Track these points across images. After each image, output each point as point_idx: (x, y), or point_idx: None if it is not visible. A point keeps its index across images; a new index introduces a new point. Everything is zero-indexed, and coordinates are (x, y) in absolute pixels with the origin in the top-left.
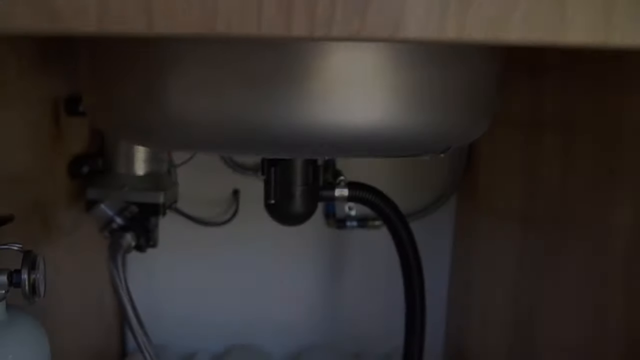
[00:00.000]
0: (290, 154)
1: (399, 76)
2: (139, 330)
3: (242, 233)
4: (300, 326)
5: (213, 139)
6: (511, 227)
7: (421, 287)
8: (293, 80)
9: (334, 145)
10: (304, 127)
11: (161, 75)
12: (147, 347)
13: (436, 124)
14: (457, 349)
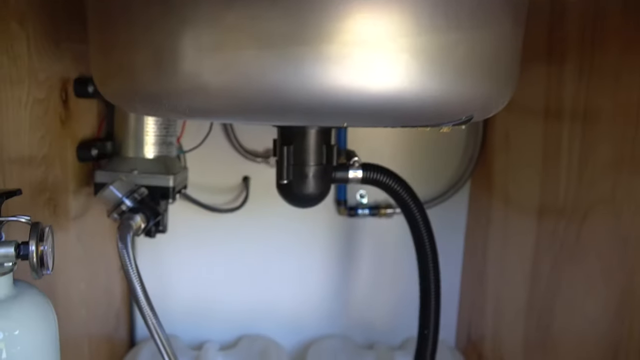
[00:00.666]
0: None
1: (421, 39)
2: (148, 312)
3: (252, 221)
4: (310, 316)
5: (225, 104)
6: (527, 216)
7: (436, 273)
8: (309, 41)
9: (352, 111)
10: (320, 91)
11: (172, 37)
12: (157, 329)
13: (458, 91)
14: (469, 338)
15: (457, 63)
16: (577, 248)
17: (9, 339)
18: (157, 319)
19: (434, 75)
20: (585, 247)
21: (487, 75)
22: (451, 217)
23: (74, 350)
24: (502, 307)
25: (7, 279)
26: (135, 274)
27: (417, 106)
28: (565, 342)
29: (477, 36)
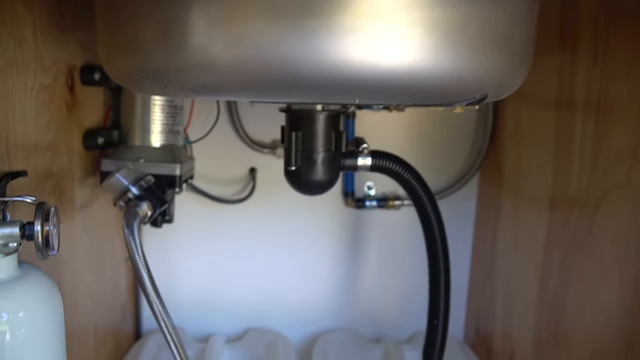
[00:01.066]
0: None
1: (435, 13)
2: (155, 299)
3: (258, 213)
4: (317, 309)
5: (234, 80)
6: (538, 206)
7: (446, 262)
8: (321, 13)
9: (364, 86)
10: (332, 65)
11: (180, 11)
12: (164, 317)
13: (472, 67)
14: (478, 332)
15: (471, 38)
16: (590, 237)
17: (13, 321)
18: (163, 307)
19: (448, 49)
20: (598, 236)
21: (501, 52)
22: (460, 209)
23: (79, 341)
24: (512, 300)
25: (12, 260)
26: (142, 260)
27: (431, 82)
28: (577, 334)
29: (492, 11)
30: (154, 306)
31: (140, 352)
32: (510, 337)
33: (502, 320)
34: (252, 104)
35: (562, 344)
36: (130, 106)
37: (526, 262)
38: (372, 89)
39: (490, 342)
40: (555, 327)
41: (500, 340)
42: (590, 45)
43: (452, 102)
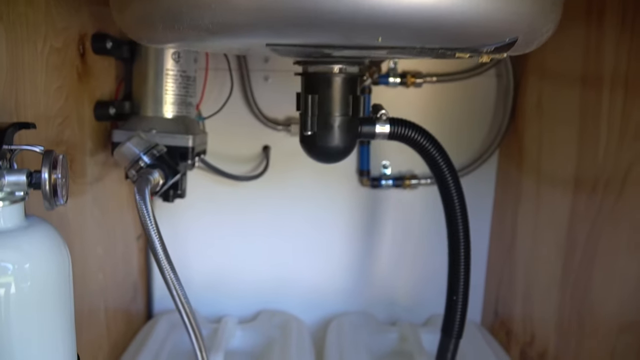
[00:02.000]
0: (338, 35)
1: None
2: (166, 265)
3: (271, 192)
4: (331, 292)
5: (251, 16)
6: (562, 183)
7: (466, 234)
8: None
9: (388, 22)
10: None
11: None
12: (176, 285)
13: (504, 5)
14: (497, 315)
15: None
16: (616, 211)
17: (19, 273)
18: (175, 274)
19: None
20: (626, 210)
21: None
22: (478, 189)
23: (90, 316)
24: (533, 279)
25: (18, 208)
26: (154, 227)
27: (459, 19)
28: (604, 309)
29: None
30: (165, 273)
31: (152, 331)
32: (531, 317)
33: (522, 300)
34: (266, 79)
35: (587, 320)
36: (142, 76)
37: (548, 240)
38: (397, 26)
39: (510, 324)
40: (580, 304)
41: (521, 322)
42: (617, 16)
43: (480, 45)
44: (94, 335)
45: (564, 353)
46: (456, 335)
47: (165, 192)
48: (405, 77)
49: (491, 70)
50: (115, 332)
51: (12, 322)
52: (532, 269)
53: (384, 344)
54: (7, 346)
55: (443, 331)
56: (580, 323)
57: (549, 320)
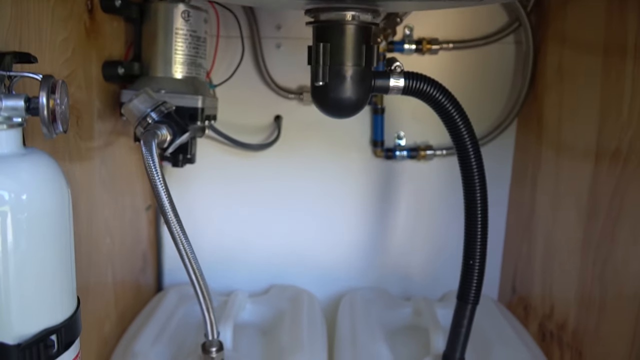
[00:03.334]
0: None
1: None
2: (173, 218)
3: (283, 164)
4: (343, 266)
5: None
6: (582, 153)
7: (483, 194)
8: None
9: None
10: None
11: None
12: (183, 240)
13: None
14: (514, 290)
15: None
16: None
17: (16, 203)
18: (182, 229)
19: None
20: None
21: None
22: (497, 159)
23: (97, 278)
24: (553, 248)
25: (15, 134)
26: (161, 181)
27: None
28: (629, 270)
29: None
30: (171, 226)
31: (161, 302)
32: (551, 288)
33: (541, 272)
34: (279, 47)
35: (610, 283)
36: (151, 36)
37: (569, 205)
38: None
39: (528, 299)
40: (602, 267)
41: (539, 295)
42: None
43: None
44: (100, 301)
45: (585, 321)
46: (472, 301)
47: (174, 157)
48: (420, 43)
49: (510, 37)
50: (123, 303)
51: (8, 255)
52: (551, 238)
53: (397, 319)
54: (1, 280)
55: (459, 297)
56: (602, 287)
57: (569, 288)
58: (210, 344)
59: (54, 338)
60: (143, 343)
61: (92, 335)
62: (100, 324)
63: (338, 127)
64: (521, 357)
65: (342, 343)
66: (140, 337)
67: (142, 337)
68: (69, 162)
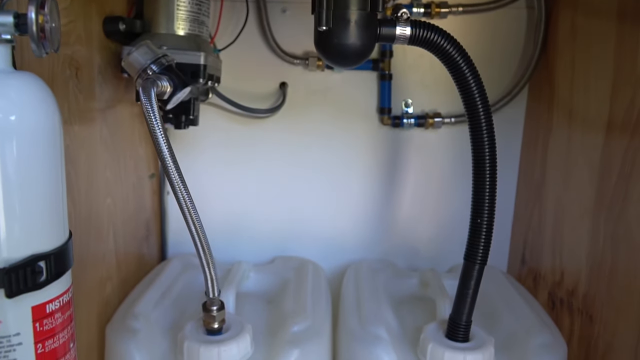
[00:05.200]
0: None
1: None
2: (174, 172)
3: (288, 131)
4: (349, 238)
5: None
6: (593, 125)
7: (492, 151)
8: None
9: None
10: None
11: None
12: (185, 195)
13: None
14: (524, 261)
15: None
16: None
17: (4, 123)
18: (184, 184)
19: None
20: None
21: None
22: (507, 127)
23: (97, 238)
24: (564, 213)
25: (4, 51)
26: (161, 131)
27: None
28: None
29: None
30: (172, 179)
31: (164, 270)
32: (561, 253)
33: (551, 240)
34: (284, 11)
35: (622, 240)
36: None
37: (581, 167)
38: None
39: (538, 269)
40: (614, 225)
41: (549, 262)
42: None
43: None
44: (102, 262)
45: (597, 283)
46: (480, 261)
47: (177, 118)
48: (429, 7)
49: (521, 1)
50: (126, 268)
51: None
52: (562, 203)
53: (404, 289)
54: None
55: (466, 258)
56: (614, 245)
57: (580, 252)
58: (212, 303)
59: (42, 265)
60: (145, 306)
61: (94, 295)
62: (101, 285)
63: (344, 94)
64: (529, 323)
65: (347, 309)
66: (142, 300)
67: (144, 300)
68: (67, 115)
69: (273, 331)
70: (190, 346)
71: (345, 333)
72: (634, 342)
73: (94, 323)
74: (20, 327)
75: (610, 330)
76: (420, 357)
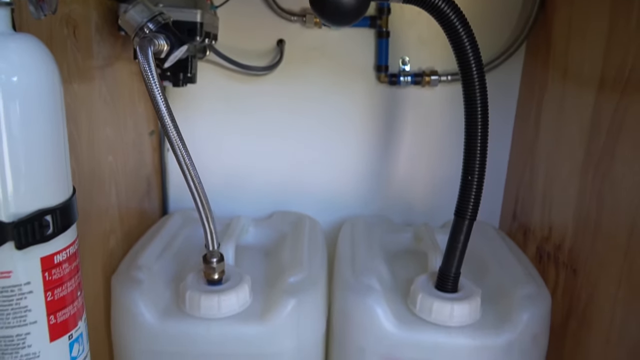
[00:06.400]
0: None
1: None
2: (173, 131)
3: (285, 89)
4: (346, 195)
5: None
6: (586, 84)
7: (484, 110)
8: None
9: None
10: None
11: None
12: (184, 153)
13: None
14: (515, 217)
15: None
16: None
17: (6, 84)
18: (183, 142)
19: None
20: None
21: None
22: (504, 84)
23: (99, 195)
24: (555, 169)
25: (4, 14)
26: (159, 90)
27: None
28: (625, 185)
29: None
30: (171, 137)
31: (166, 224)
32: (550, 209)
33: (542, 195)
34: None
35: (607, 199)
36: None
37: (572, 125)
38: None
39: (528, 224)
40: (601, 183)
41: (539, 218)
42: None
43: None
44: (105, 217)
45: (582, 238)
46: (470, 217)
47: (175, 76)
48: None
49: None
50: (128, 222)
51: (1, 136)
52: (553, 160)
53: (398, 243)
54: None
55: (456, 213)
56: (599, 202)
57: (567, 208)
58: (211, 255)
59: (49, 219)
60: (148, 258)
61: (98, 248)
62: (105, 238)
63: (342, 52)
64: (516, 276)
65: (342, 261)
66: (145, 252)
67: (147, 252)
68: (67, 74)
69: (271, 282)
70: (192, 295)
71: (340, 284)
72: (613, 292)
73: (99, 274)
74: (30, 277)
75: (592, 282)
76: (411, 307)
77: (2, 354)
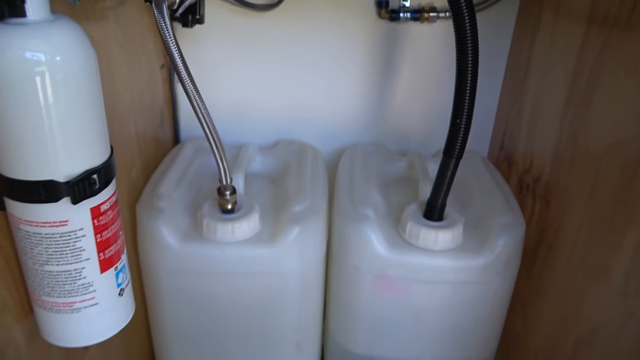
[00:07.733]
0: None
1: None
2: (187, 77)
3: (288, 25)
4: (345, 124)
5: None
6: (575, 26)
7: (474, 53)
8: None
9: None
10: None
11: None
12: (196, 97)
13: None
14: (502, 148)
15: None
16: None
17: (51, 63)
18: (194, 85)
19: None
20: (630, 37)
21: None
22: (499, 24)
23: (121, 132)
24: (540, 108)
25: (44, 1)
26: (174, 42)
27: None
28: (597, 131)
29: None
30: (185, 85)
31: (179, 154)
32: (532, 145)
33: (526, 131)
34: None
35: (581, 142)
36: None
37: (558, 68)
38: None
39: (512, 155)
40: (577, 127)
41: (522, 152)
42: None
43: None
44: (127, 151)
45: (557, 175)
46: (457, 156)
47: (184, 17)
48: None
49: None
50: (146, 153)
51: (50, 108)
52: (539, 99)
53: (393, 171)
54: (47, 130)
55: (445, 152)
56: (574, 146)
57: (547, 146)
58: (225, 188)
59: (95, 177)
60: (166, 187)
61: (123, 180)
62: (128, 170)
63: None
64: (497, 205)
65: (341, 190)
66: (164, 182)
67: (165, 182)
68: (86, 23)
69: (277, 210)
70: (209, 223)
71: (339, 212)
72: (577, 224)
73: (125, 204)
74: (83, 224)
75: (561, 214)
76: (401, 233)
77: (63, 284)
